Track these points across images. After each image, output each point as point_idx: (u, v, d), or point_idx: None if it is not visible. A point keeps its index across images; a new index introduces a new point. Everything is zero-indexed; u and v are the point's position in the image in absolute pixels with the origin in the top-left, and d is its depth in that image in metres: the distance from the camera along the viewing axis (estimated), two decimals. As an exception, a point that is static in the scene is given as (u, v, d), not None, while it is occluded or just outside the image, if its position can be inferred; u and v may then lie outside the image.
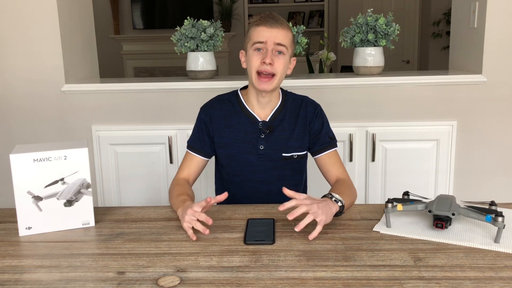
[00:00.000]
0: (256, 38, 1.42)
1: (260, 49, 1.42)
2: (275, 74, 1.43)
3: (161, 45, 5.80)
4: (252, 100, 1.52)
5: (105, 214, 1.38)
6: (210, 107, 1.56)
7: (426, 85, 2.25)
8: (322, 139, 1.54)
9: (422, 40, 5.57)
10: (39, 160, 1.22)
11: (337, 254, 1.09)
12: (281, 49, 1.42)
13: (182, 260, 1.07)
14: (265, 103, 1.51)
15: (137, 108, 2.32)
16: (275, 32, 1.41)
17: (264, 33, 1.41)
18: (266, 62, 1.40)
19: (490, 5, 2.18)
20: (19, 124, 2.36)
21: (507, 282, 0.95)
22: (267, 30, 1.41)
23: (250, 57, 1.45)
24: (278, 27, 1.41)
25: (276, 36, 1.41)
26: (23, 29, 2.28)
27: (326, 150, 1.54)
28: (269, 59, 1.40)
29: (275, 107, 1.53)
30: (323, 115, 1.58)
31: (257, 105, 1.52)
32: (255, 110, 1.53)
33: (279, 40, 1.41)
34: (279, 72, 1.43)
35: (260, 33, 1.42)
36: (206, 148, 1.55)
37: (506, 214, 1.21)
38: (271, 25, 1.41)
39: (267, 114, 1.53)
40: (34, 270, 1.05)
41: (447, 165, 2.28)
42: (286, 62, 1.45)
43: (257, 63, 1.42)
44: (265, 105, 1.52)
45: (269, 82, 1.43)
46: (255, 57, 1.43)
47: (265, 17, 1.43)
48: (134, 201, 2.36)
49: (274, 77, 1.43)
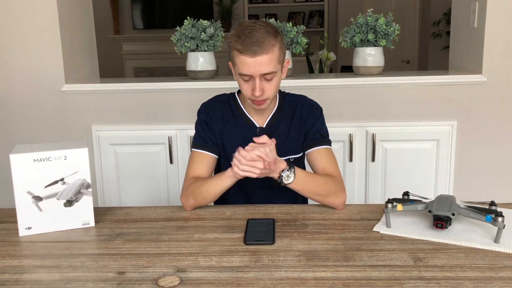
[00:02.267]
0: (241, 69, 1.34)
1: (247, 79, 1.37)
2: (268, 98, 1.40)
3: (161, 45, 5.80)
4: (248, 106, 1.51)
5: (105, 214, 1.38)
6: (210, 108, 1.53)
7: (426, 85, 2.25)
8: (312, 135, 1.50)
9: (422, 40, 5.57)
10: (39, 160, 1.22)
11: (337, 254, 1.09)
12: (270, 76, 1.36)
13: (182, 260, 1.07)
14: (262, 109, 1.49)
15: (137, 108, 2.32)
16: (259, 62, 1.31)
17: (249, 66, 1.32)
18: (256, 95, 1.36)
19: (490, 5, 2.19)
20: (19, 124, 2.37)
21: (507, 282, 0.95)
22: (252, 61, 1.31)
23: (239, 82, 1.40)
24: (262, 53, 1.30)
25: (262, 66, 1.32)
26: (23, 29, 2.28)
27: (315, 146, 1.49)
28: (259, 92, 1.35)
29: (272, 111, 1.51)
30: (318, 115, 1.53)
31: (254, 111, 1.51)
32: (252, 115, 1.51)
33: (265, 71, 1.33)
34: (272, 95, 1.40)
35: (244, 65, 1.33)
36: (213, 145, 1.50)
37: (506, 214, 1.21)
38: (254, 54, 1.30)
39: (264, 119, 1.51)
40: (34, 270, 1.05)
41: (447, 165, 2.28)
42: (277, 81, 1.40)
43: (248, 92, 1.38)
44: (263, 111, 1.50)
45: (263, 105, 1.41)
46: (245, 86, 1.38)
47: (247, 44, 1.30)
48: (134, 201, 2.36)
49: (267, 99, 1.40)
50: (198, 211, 1.39)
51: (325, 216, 1.33)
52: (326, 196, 1.38)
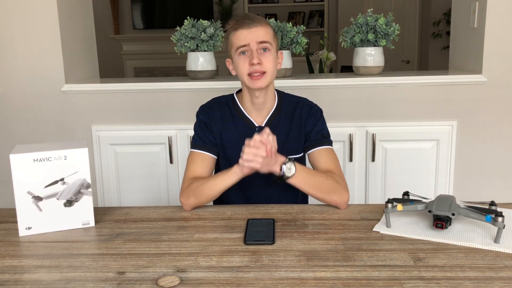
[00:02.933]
0: (238, 42, 1.42)
1: (245, 52, 1.42)
2: (266, 71, 1.42)
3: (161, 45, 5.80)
4: (247, 104, 1.51)
5: (105, 214, 1.38)
6: (208, 109, 1.54)
7: (426, 85, 2.25)
8: (313, 136, 1.51)
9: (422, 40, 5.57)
10: (39, 160, 1.22)
11: (337, 254, 1.09)
12: (266, 46, 1.42)
13: (182, 260, 1.07)
14: (260, 104, 1.50)
15: (137, 108, 2.32)
16: (255, 32, 1.40)
17: (245, 36, 1.40)
18: (255, 63, 1.40)
19: (490, 5, 2.18)
20: (19, 124, 2.36)
21: (507, 282, 0.95)
22: (247, 32, 1.40)
23: (237, 62, 1.44)
24: (257, 25, 1.41)
25: (257, 35, 1.40)
26: (23, 29, 2.28)
27: (317, 146, 1.50)
28: (256, 59, 1.40)
29: (271, 110, 1.52)
30: (319, 116, 1.54)
31: (253, 108, 1.51)
32: (251, 114, 1.52)
33: (261, 38, 1.41)
34: (270, 69, 1.43)
35: (240, 36, 1.41)
36: (212, 145, 1.51)
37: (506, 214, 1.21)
38: (249, 26, 1.40)
39: (263, 118, 1.51)
40: (34, 270, 1.05)
41: (447, 165, 2.28)
42: (274, 57, 1.44)
43: (246, 66, 1.42)
44: (261, 107, 1.51)
45: (262, 79, 1.42)
46: (242, 61, 1.42)
47: (241, 19, 1.42)
48: (134, 201, 2.36)
49: (266, 73, 1.42)
50: (198, 211, 1.39)
51: (325, 216, 1.33)
52: (329, 193, 1.38)
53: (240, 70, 1.44)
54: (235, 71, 1.48)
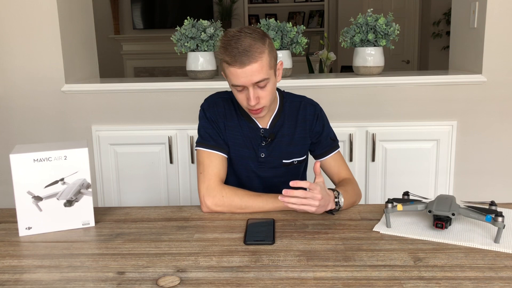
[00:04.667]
0: (233, 80, 1.32)
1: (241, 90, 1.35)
2: (265, 106, 1.38)
3: (161, 45, 5.80)
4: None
5: (105, 214, 1.38)
6: (214, 105, 1.50)
7: (426, 85, 2.26)
8: (324, 142, 1.52)
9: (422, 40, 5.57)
10: (39, 160, 1.22)
11: (337, 254, 1.09)
12: (262, 84, 1.33)
13: (182, 260, 1.07)
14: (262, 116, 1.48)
15: (137, 108, 2.32)
16: (249, 71, 1.28)
17: (240, 77, 1.29)
18: (252, 104, 1.34)
19: (490, 5, 2.19)
20: (19, 124, 2.37)
21: (507, 282, 0.95)
22: (242, 72, 1.28)
23: (234, 92, 1.39)
24: (251, 62, 1.28)
25: (252, 76, 1.29)
26: (23, 29, 2.28)
27: (329, 153, 1.53)
28: (254, 101, 1.33)
29: (274, 112, 1.49)
30: (323, 116, 1.54)
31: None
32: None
33: (256, 78, 1.30)
34: (268, 101, 1.38)
35: (235, 76, 1.30)
36: (225, 145, 1.47)
37: (506, 214, 1.21)
38: (243, 65, 1.28)
39: (267, 120, 1.48)
40: (34, 270, 1.05)
41: (447, 165, 2.28)
42: (271, 87, 1.37)
43: (244, 103, 1.37)
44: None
45: (261, 112, 1.39)
46: (239, 96, 1.37)
47: (234, 55, 1.28)
48: (134, 201, 2.36)
49: (264, 107, 1.38)
50: (198, 211, 1.39)
51: (325, 216, 1.33)
52: (356, 201, 1.45)
53: (238, 100, 1.39)
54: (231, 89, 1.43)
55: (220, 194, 1.38)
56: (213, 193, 1.38)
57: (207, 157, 1.45)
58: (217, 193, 1.38)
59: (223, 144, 1.47)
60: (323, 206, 1.28)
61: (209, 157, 1.44)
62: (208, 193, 1.38)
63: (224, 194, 1.38)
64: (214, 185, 1.40)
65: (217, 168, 1.43)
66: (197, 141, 1.48)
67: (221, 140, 1.47)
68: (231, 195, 1.37)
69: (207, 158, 1.44)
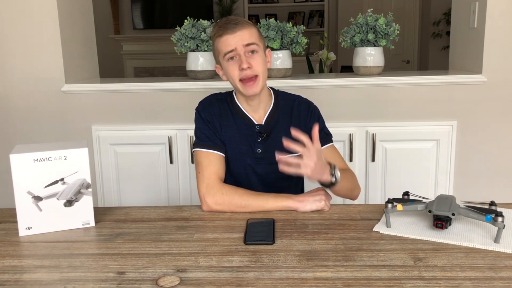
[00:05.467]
0: (225, 48, 1.41)
1: (233, 58, 1.41)
2: (258, 75, 1.42)
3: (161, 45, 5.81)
4: (244, 104, 1.52)
5: (105, 214, 1.38)
6: (209, 106, 1.53)
7: (426, 85, 2.26)
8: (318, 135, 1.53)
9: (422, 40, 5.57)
10: (39, 160, 1.22)
11: (337, 254, 1.09)
12: (253, 48, 1.41)
13: (182, 260, 1.07)
14: (256, 105, 1.50)
15: (137, 108, 2.32)
16: (240, 35, 1.39)
17: (230, 41, 1.39)
18: (245, 68, 1.39)
19: (490, 5, 2.19)
20: (19, 124, 2.37)
21: (507, 282, 0.95)
22: (231, 36, 1.39)
23: (227, 69, 1.43)
24: (241, 28, 1.40)
25: (243, 38, 1.39)
26: (23, 29, 2.28)
27: (323, 145, 1.50)
28: (246, 64, 1.39)
29: (269, 108, 1.52)
30: (318, 113, 1.56)
31: (250, 108, 1.51)
32: (250, 112, 1.52)
33: (247, 40, 1.39)
34: (261, 71, 1.42)
35: (226, 42, 1.40)
36: (222, 145, 1.49)
37: (506, 214, 1.21)
38: (233, 30, 1.39)
39: (261, 116, 1.51)
40: (34, 270, 1.05)
41: (447, 165, 2.28)
42: (263, 58, 1.44)
43: (236, 72, 1.41)
44: (257, 108, 1.51)
45: (255, 84, 1.42)
46: (232, 67, 1.42)
47: (224, 24, 1.41)
48: (134, 201, 2.36)
49: (258, 77, 1.42)
50: (198, 211, 1.39)
51: (325, 216, 1.33)
52: (354, 189, 1.46)
53: (231, 76, 1.43)
54: (226, 76, 1.47)
55: (220, 192, 1.38)
56: (213, 191, 1.39)
57: (205, 157, 1.46)
58: (217, 191, 1.39)
59: (220, 144, 1.49)
60: (318, 173, 1.29)
61: (207, 156, 1.46)
62: (208, 192, 1.39)
63: (224, 192, 1.38)
64: (213, 183, 1.41)
65: (216, 167, 1.45)
66: (195, 143, 1.51)
67: (218, 139, 1.49)
68: (231, 193, 1.38)
69: (206, 158, 1.46)
